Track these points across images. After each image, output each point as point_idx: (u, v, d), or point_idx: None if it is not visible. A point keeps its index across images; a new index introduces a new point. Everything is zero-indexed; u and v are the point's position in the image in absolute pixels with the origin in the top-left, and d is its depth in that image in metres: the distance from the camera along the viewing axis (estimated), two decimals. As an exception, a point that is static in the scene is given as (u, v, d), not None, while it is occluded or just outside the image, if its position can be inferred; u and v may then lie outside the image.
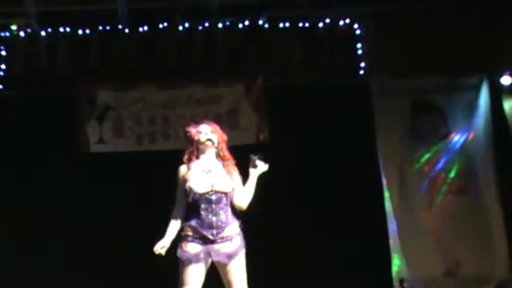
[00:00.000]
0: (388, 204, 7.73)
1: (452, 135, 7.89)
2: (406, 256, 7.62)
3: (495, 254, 7.60)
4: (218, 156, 4.79)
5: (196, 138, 4.77)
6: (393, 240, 7.66)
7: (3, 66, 7.85)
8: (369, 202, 7.62)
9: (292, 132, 7.55)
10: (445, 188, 7.80)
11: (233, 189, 4.70)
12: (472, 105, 7.87)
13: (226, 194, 4.66)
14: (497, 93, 7.86)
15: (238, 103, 7.65)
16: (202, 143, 4.75)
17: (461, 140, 7.88)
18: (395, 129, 7.84)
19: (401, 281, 7.52)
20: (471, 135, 7.86)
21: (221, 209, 4.62)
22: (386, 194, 7.75)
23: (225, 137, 4.86)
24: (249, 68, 7.78)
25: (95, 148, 7.57)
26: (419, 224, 7.71)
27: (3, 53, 7.86)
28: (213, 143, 4.75)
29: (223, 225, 4.60)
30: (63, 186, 7.44)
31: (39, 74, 7.78)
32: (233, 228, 4.65)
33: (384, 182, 7.75)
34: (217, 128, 4.84)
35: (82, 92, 7.65)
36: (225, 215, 4.62)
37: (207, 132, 4.78)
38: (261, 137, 7.61)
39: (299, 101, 7.61)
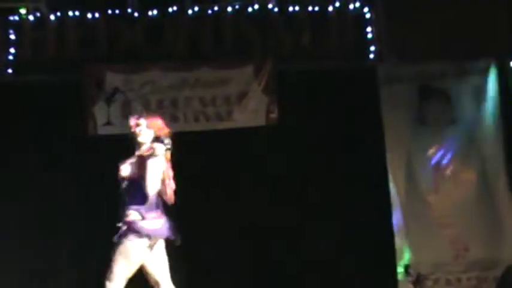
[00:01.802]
0: (393, 191, 7.72)
1: (460, 120, 7.87)
2: (413, 242, 7.61)
3: (503, 239, 7.59)
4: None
5: (132, 130, 4.85)
6: (398, 226, 7.64)
7: (12, 50, 7.85)
8: (374, 187, 7.63)
9: (300, 115, 7.56)
10: (453, 173, 7.78)
11: (139, 177, 4.69)
12: (480, 90, 7.86)
13: (129, 181, 4.71)
14: (506, 78, 7.84)
15: (247, 85, 7.64)
16: (136, 136, 4.84)
17: (469, 125, 7.86)
18: (402, 114, 7.83)
19: (406, 267, 7.50)
20: (479, 120, 7.84)
21: (127, 196, 4.73)
22: (392, 180, 7.73)
23: (166, 131, 4.86)
24: (258, 52, 7.76)
25: (103, 130, 7.58)
26: (426, 209, 7.70)
27: (12, 37, 7.86)
28: (144, 139, 4.79)
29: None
30: (70, 168, 7.43)
31: (47, 58, 7.79)
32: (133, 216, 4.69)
33: (390, 168, 7.73)
34: (157, 122, 4.86)
35: (90, 75, 7.63)
36: (130, 203, 4.70)
37: (142, 128, 4.83)
38: (271, 118, 7.60)
39: (307, 84, 7.61)
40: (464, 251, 7.59)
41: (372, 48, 7.87)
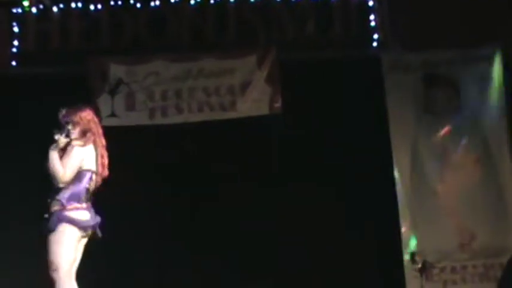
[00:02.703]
0: (398, 179, 7.70)
1: (466, 108, 7.84)
2: (419, 230, 7.59)
3: (510, 226, 7.56)
4: None
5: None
6: (404, 214, 7.63)
7: (15, 43, 7.86)
8: (379, 176, 7.61)
9: (304, 105, 7.54)
10: (458, 160, 7.76)
11: None
12: (485, 77, 7.81)
13: None
14: (511, 64, 7.80)
15: (251, 75, 7.63)
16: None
17: (475, 112, 7.83)
18: (407, 103, 7.79)
19: (412, 255, 7.49)
20: (485, 107, 7.81)
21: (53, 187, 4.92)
22: (397, 169, 7.71)
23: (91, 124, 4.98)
24: (261, 41, 7.75)
25: (107, 122, 7.56)
26: (432, 197, 7.67)
27: (16, 29, 7.88)
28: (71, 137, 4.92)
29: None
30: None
31: (51, 50, 7.81)
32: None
33: (395, 156, 7.71)
34: (81, 116, 4.96)
35: (94, 66, 7.65)
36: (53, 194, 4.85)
37: (70, 127, 5.00)
38: (274, 108, 7.59)
39: (311, 74, 7.59)
40: (470, 239, 7.57)
41: (376, 36, 7.84)
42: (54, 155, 4.81)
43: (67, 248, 4.71)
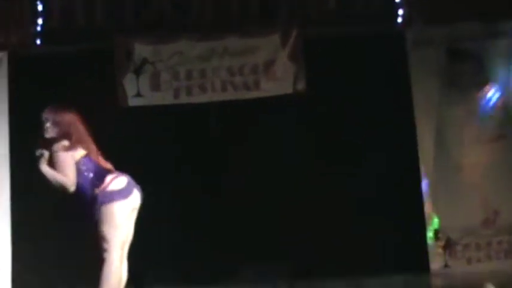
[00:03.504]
0: (422, 155, 7.70)
1: (490, 82, 7.79)
2: (442, 206, 7.60)
3: (534, 203, 7.56)
4: None
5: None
6: (428, 191, 7.65)
7: (39, 21, 7.88)
8: (403, 153, 7.60)
9: (327, 82, 7.52)
10: (483, 136, 7.73)
11: None
12: (510, 51, 7.75)
13: None
14: (537, 38, 7.73)
15: (274, 53, 7.62)
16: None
17: (499, 87, 7.78)
18: (431, 78, 7.73)
19: (436, 232, 7.53)
20: (509, 82, 7.75)
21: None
22: (421, 145, 7.70)
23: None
24: (284, 18, 7.72)
25: (133, 102, 7.65)
26: (456, 173, 7.66)
27: (40, 7, 7.88)
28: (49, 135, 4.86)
29: None
30: (102, 140, 7.49)
31: (76, 28, 7.80)
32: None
33: (419, 132, 7.70)
34: (65, 119, 4.88)
35: (119, 46, 7.66)
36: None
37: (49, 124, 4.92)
38: (298, 87, 7.60)
39: (334, 50, 7.56)
40: (494, 215, 7.58)
41: (400, 11, 7.77)
42: (47, 170, 4.69)
43: (117, 227, 4.67)
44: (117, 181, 4.72)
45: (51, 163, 4.71)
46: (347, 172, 7.41)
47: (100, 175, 4.72)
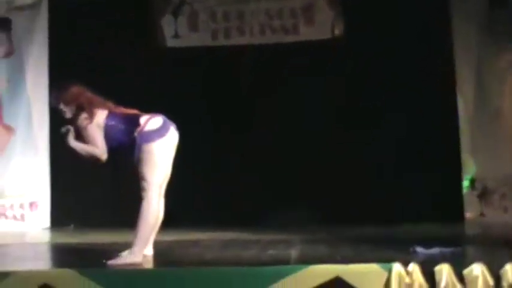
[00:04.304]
0: (461, 103, 7.61)
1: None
2: (479, 155, 7.51)
3: None
4: None
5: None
6: (465, 139, 7.57)
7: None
8: (442, 100, 7.50)
9: (366, 27, 7.43)
10: (524, 84, 7.61)
11: None
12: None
13: None
14: None
15: (313, -3, 7.58)
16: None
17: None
18: (472, 23, 7.55)
19: (472, 181, 7.48)
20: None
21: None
22: (460, 92, 7.61)
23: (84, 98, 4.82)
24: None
25: (171, 43, 7.66)
26: (495, 121, 7.54)
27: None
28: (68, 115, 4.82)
29: None
30: (140, 81, 7.55)
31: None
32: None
33: (458, 79, 7.60)
34: (72, 93, 4.81)
35: (157, -14, 7.67)
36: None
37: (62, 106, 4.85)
38: (336, 32, 7.52)
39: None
40: (532, 163, 7.49)
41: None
42: (76, 144, 4.73)
43: (156, 166, 4.68)
44: (152, 121, 4.75)
45: (82, 139, 4.75)
46: (383, 118, 7.36)
47: (132, 122, 4.76)
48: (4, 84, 7.90)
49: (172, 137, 4.80)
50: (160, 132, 4.71)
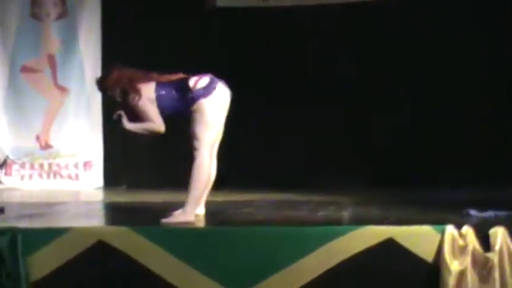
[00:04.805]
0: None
1: None
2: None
3: None
4: None
5: None
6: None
7: None
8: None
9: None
10: None
11: None
12: None
13: None
14: None
15: None
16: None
17: None
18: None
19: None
20: None
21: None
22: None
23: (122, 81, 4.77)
24: None
25: (221, 2, 7.63)
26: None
27: None
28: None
29: None
30: (191, 42, 7.56)
31: None
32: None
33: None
34: (113, 79, 4.78)
35: None
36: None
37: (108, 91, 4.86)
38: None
39: None
40: None
41: None
42: (131, 126, 4.76)
43: (208, 125, 4.68)
44: (202, 81, 4.74)
45: (138, 117, 4.76)
46: (439, 79, 7.29)
47: (181, 86, 4.75)
48: (58, 46, 8.03)
49: (222, 93, 4.79)
50: (209, 89, 4.71)
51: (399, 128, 7.34)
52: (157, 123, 4.74)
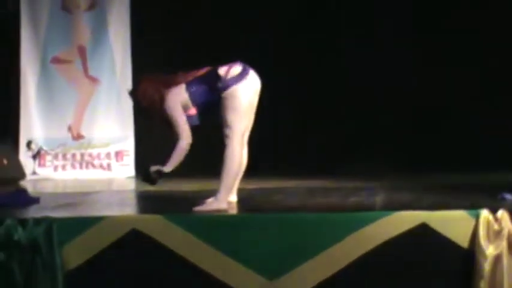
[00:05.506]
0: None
1: None
2: None
3: None
4: None
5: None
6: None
7: None
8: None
9: None
10: None
11: None
12: None
13: None
14: None
15: None
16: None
17: None
18: None
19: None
20: None
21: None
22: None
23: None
24: None
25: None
26: None
27: None
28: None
29: None
30: (221, 31, 7.56)
31: None
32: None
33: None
34: (144, 95, 4.76)
35: None
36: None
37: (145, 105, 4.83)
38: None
39: None
40: None
41: None
42: (172, 164, 5.00)
43: (240, 112, 4.67)
44: (234, 69, 4.73)
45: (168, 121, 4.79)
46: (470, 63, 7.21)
47: (211, 77, 4.73)
48: (88, 36, 8.08)
49: (253, 80, 4.77)
50: (240, 77, 4.69)
51: (431, 111, 7.28)
52: (185, 138, 4.80)
